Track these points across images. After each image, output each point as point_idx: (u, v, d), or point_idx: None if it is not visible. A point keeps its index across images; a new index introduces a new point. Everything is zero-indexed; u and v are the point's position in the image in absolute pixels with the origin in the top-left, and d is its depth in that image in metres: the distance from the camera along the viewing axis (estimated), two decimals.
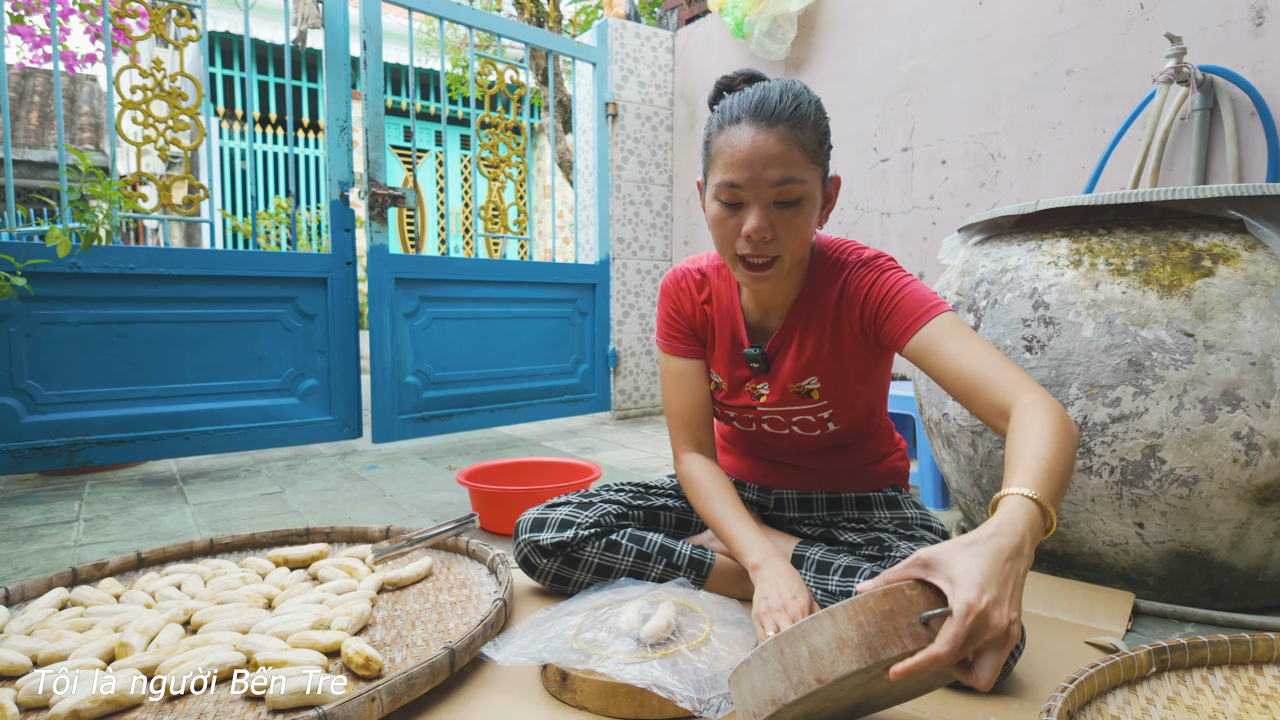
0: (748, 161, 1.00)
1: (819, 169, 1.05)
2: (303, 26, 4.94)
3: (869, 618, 0.68)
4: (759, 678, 0.73)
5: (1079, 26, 2.22)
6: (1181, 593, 1.30)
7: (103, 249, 2.28)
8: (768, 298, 1.20)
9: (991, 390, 0.94)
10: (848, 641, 0.68)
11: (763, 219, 1.02)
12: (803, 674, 0.69)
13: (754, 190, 1.01)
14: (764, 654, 0.73)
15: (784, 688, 0.71)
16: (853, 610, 0.69)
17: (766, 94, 1.02)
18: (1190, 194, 1.25)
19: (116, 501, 2.12)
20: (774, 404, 1.23)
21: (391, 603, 1.26)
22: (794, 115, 1.00)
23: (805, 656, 0.70)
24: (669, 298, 1.29)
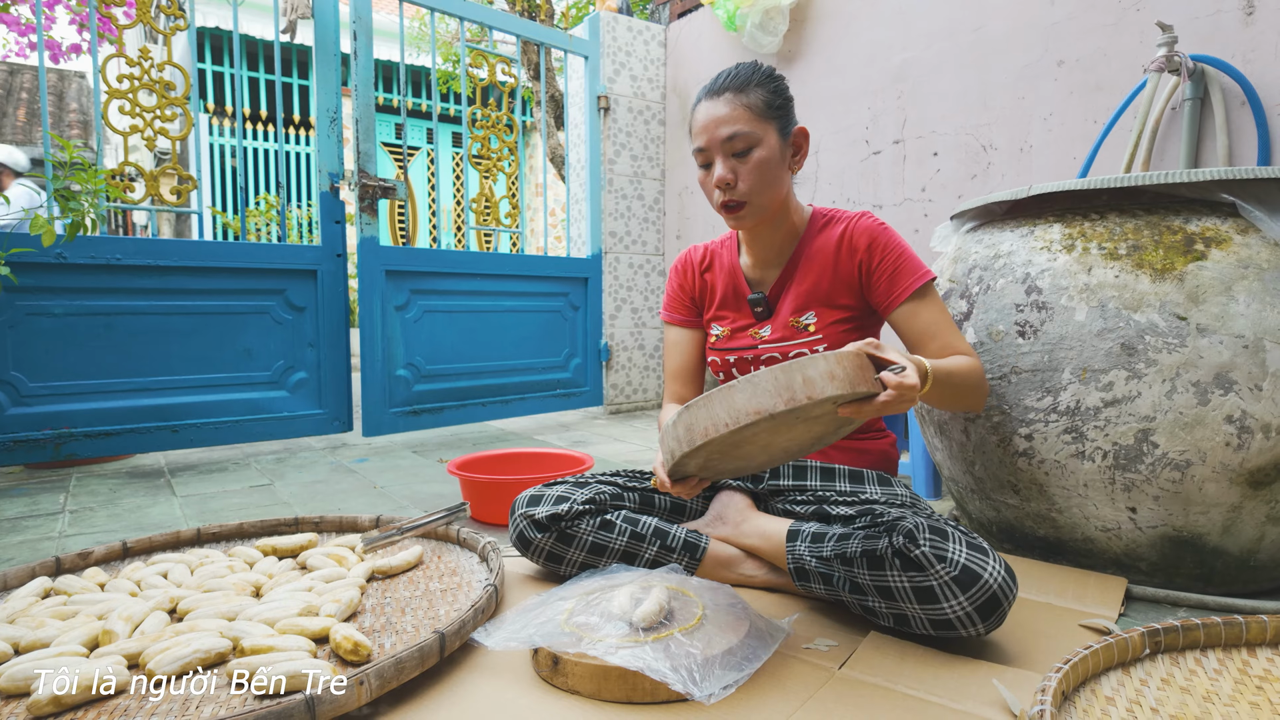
0: (704, 128, 1.24)
1: (771, 123, 1.23)
2: (292, 17, 4.90)
3: (850, 362, 0.90)
4: (743, 397, 0.89)
5: (1070, 17, 2.23)
6: (1174, 578, 1.30)
7: (89, 239, 2.25)
8: (765, 253, 1.37)
9: (939, 343, 1.23)
10: (835, 375, 0.89)
11: (724, 168, 1.23)
12: (794, 392, 0.88)
13: (713, 148, 1.24)
14: (756, 379, 0.89)
15: (774, 402, 0.88)
16: (838, 356, 0.90)
17: (718, 75, 1.26)
18: (1182, 178, 1.25)
19: (103, 494, 2.09)
20: (775, 341, 1.36)
21: (381, 590, 1.25)
22: (736, 83, 1.23)
23: (799, 381, 0.88)
24: (676, 273, 1.50)
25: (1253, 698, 0.90)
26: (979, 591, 0.98)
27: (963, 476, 1.53)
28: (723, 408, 0.90)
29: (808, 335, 1.32)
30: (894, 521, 1.14)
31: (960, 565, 0.99)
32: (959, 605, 0.99)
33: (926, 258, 2.65)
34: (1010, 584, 1.00)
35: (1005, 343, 1.36)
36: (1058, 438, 1.30)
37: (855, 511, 1.26)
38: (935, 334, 1.24)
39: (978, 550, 1.01)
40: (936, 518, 1.17)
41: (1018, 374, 1.34)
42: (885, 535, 1.09)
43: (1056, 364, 1.29)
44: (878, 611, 1.08)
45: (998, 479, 1.42)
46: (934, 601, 1.00)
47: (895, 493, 1.31)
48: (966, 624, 0.99)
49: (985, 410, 1.40)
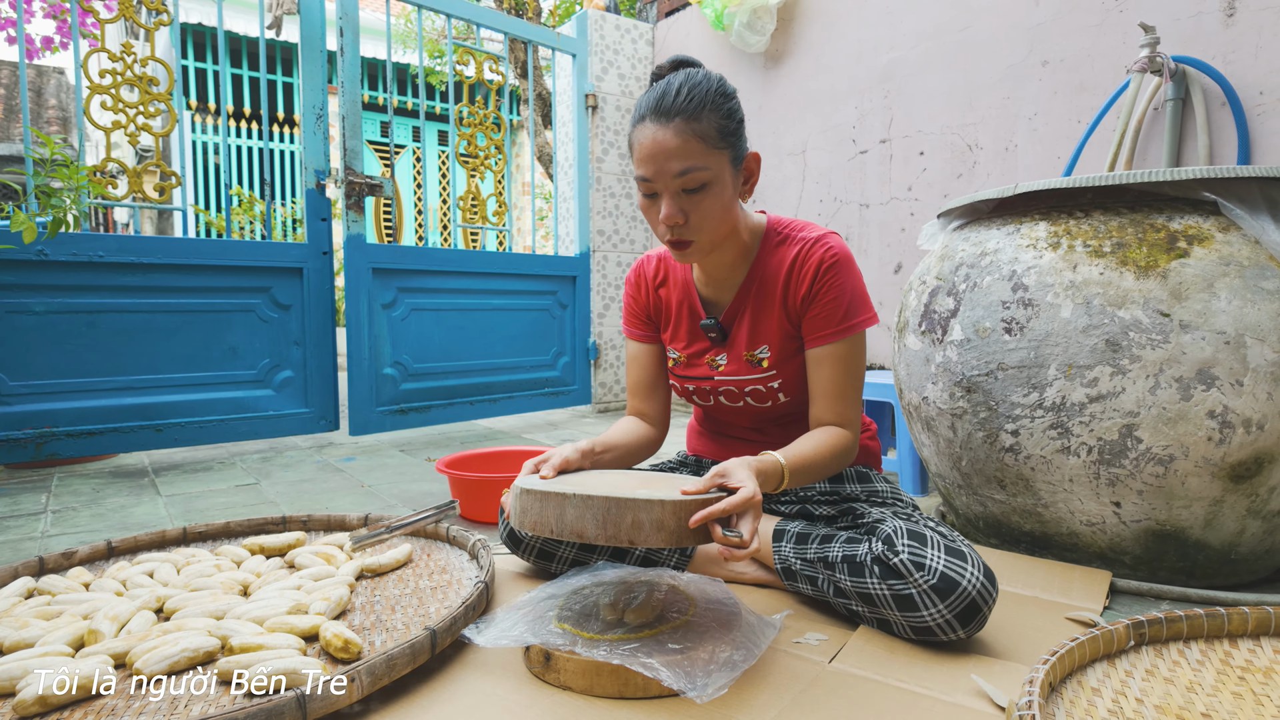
0: (650, 156, 1.09)
1: (724, 151, 1.10)
2: (278, 13, 4.86)
3: (683, 517, 0.91)
4: (574, 514, 0.92)
5: (1055, 18, 2.25)
6: (1157, 571, 1.32)
7: (71, 236, 2.22)
8: (716, 271, 1.28)
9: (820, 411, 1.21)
10: (664, 526, 0.91)
11: (672, 206, 1.10)
12: (616, 531, 0.91)
13: (661, 182, 1.10)
14: (590, 502, 0.91)
15: (597, 533, 0.91)
16: (675, 507, 0.91)
17: (665, 90, 1.09)
18: (1165, 176, 1.26)
19: (86, 494, 2.07)
20: (730, 374, 1.29)
21: (371, 589, 1.24)
22: (688, 108, 1.07)
23: (628, 522, 0.90)
24: (629, 286, 1.41)
25: (1235, 688, 0.91)
26: (958, 599, 0.99)
27: (949, 472, 1.54)
28: (553, 514, 0.93)
29: (761, 370, 1.26)
30: (874, 524, 1.15)
31: (939, 573, 1.00)
32: (938, 613, 1.00)
33: (912, 258, 2.67)
34: (989, 589, 1.01)
35: (992, 339, 1.37)
36: (1043, 433, 1.31)
37: (837, 511, 1.28)
38: (825, 394, 1.19)
39: (956, 556, 1.02)
40: (917, 518, 1.18)
41: (1004, 370, 1.35)
42: (865, 540, 1.10)
43: (1042, 360, 1.31)
44: (861, 615, 1.09)
45: (984, 474, 1.44)
46: (913, 609, 1.02)
47: (876, 489, 1.32)
48: (946, 630, 1.01)
49: (972, 406, 1.41)
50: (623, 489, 0.97)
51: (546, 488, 0.94)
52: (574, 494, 0.92)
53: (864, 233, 2.85)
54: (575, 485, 0.98)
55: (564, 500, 0.92)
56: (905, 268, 2.71)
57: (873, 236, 2.81)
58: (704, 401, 1.36)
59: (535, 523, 0.95)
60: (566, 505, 0.92)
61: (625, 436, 1.29)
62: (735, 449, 1.41)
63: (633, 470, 1.19)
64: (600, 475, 1.11)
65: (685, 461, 1.49)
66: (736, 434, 1.42)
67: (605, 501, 0.90)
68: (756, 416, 1.35)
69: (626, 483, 1.04)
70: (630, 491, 0.94)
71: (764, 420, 1.36)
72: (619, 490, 0.95)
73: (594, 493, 0.91)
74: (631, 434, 1.31)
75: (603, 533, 0.90)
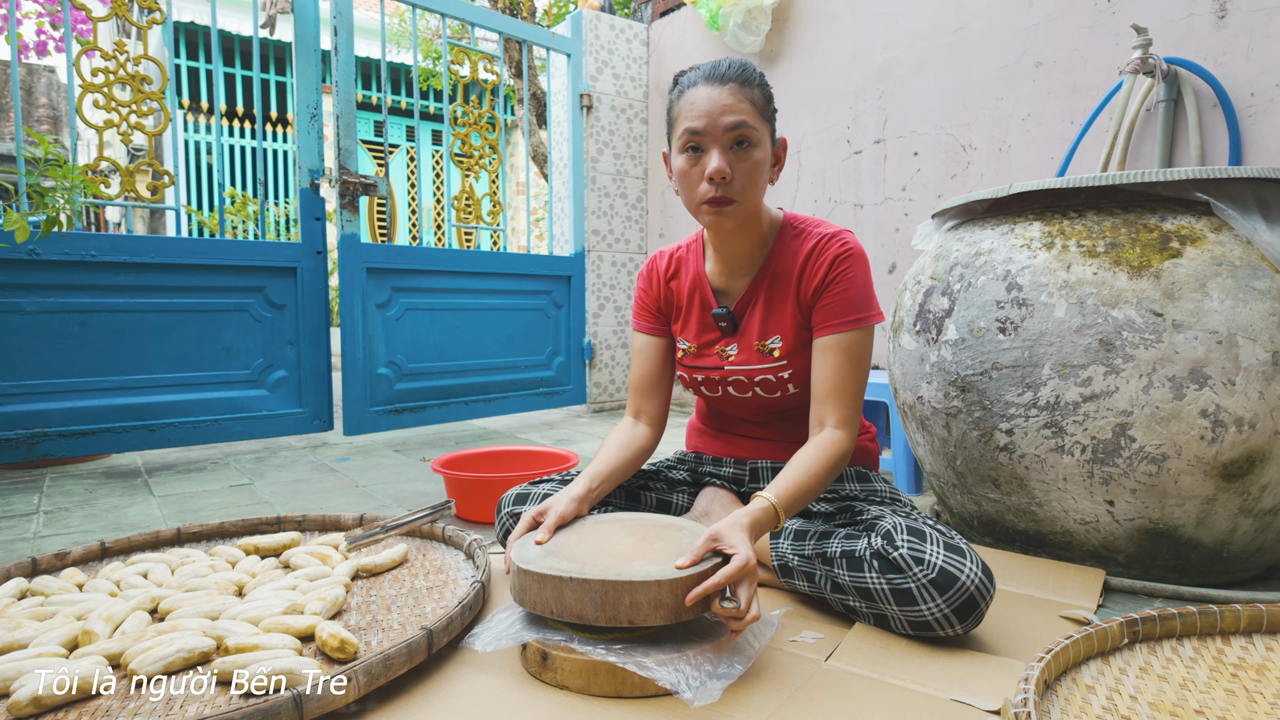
0: (705, 111, 1.14)
1: (767, 125, 1.19)
2: (271, 11, 4.85)
3: (679, 595, 0.92)
4: (573, 596, 0.93)
5: (1048, 19, 2.26)
6: (1150, 569, 1.32)
7: (63, 235, 2.21)
8: (733, 260, 1.30)
9: (820, 406, 1.20)
10: (661, 604, 0.92)
11: (722, 160, 1.14)
12: (617, 612, 0.92)
13: (712, 135, 1.14)
14: (589, 585, 0.92)
15: (598, 615, 0.92)
16: (672, 586, 0.92)
17: (718, 62, 1.18)
18: (1158, 177, 1.27)
19: (78, 494, 2.06)
20: (740, 364, 1.31)
21: (366, 589, 1.24)
22: (742, 75, 1.16)
23: (626, 603, 0.92)
24: (641, 279, 1.43)
25: (1227, 684, 0.92)
26: (956, 594, 1.00)
27: (944, 471, 1.55)
28: (551, 596, 0.95)
29: (773, 360, 1.28)
30: (873, 520, 1.15)
31: (938, 568, 1.00)
32: (936, 607, 1.00)
33: (906, 258, 2.68)
34: (987, 585, 1.01)
35: (986, 339, 1.38)
36: (1038, 432, 1.32)
37: (835, 508, 1.29)
38: (828, 389, 1.19)
39: (955, 552, 1.02)
40: (915, 516, 1.18)
41: (999, 370, 1.36)
42: (864, 536, 1.11)
43: (1036, 360, 1.31)
44: (859, 611, 1.09)
45: (979, 473, 1.44)
46: (912, 603, 1.02)
47: (874, 488, 1.32)
48: (944, 625, 1.01)
49: (967, 406, 1.42)
50: (620, 555, 1.00)
51: (544, 570, 0.95)
52: (571, 578, 0.93)
53: (858, 233, 2.85)
54: (571, 559, 0.99)
55: (561, 584, 0.94)
56: (900, 268, 2.72)
57: (867, 237, 2.82)
58: (712, 393, 1.37)
59: (535, 601, 0.96)
60: (565, 589, 0.93)
61: (619, 457, 1.29)
62: (737, 445, 1.42)
63: (628, 516, 1.19)
64: (596, 531, 1.11)
65: (684, 459, 1.49)
66: (740, 429, 1.42)
67: (603, 585, 0.92)
68: (763, 409, 1.35)
69: (623, 543, 1.06)
70: (626, 563, 0.97)
71: (769, 414, 1.37)
72: (616, 562, 0.97)
73: (591, 575, 0.92)
74: (627, 449, 1.31)
75: (602, 614, 0.92)
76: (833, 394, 1.19)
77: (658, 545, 1.04)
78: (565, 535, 1.10)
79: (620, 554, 1.01)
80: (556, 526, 1.11)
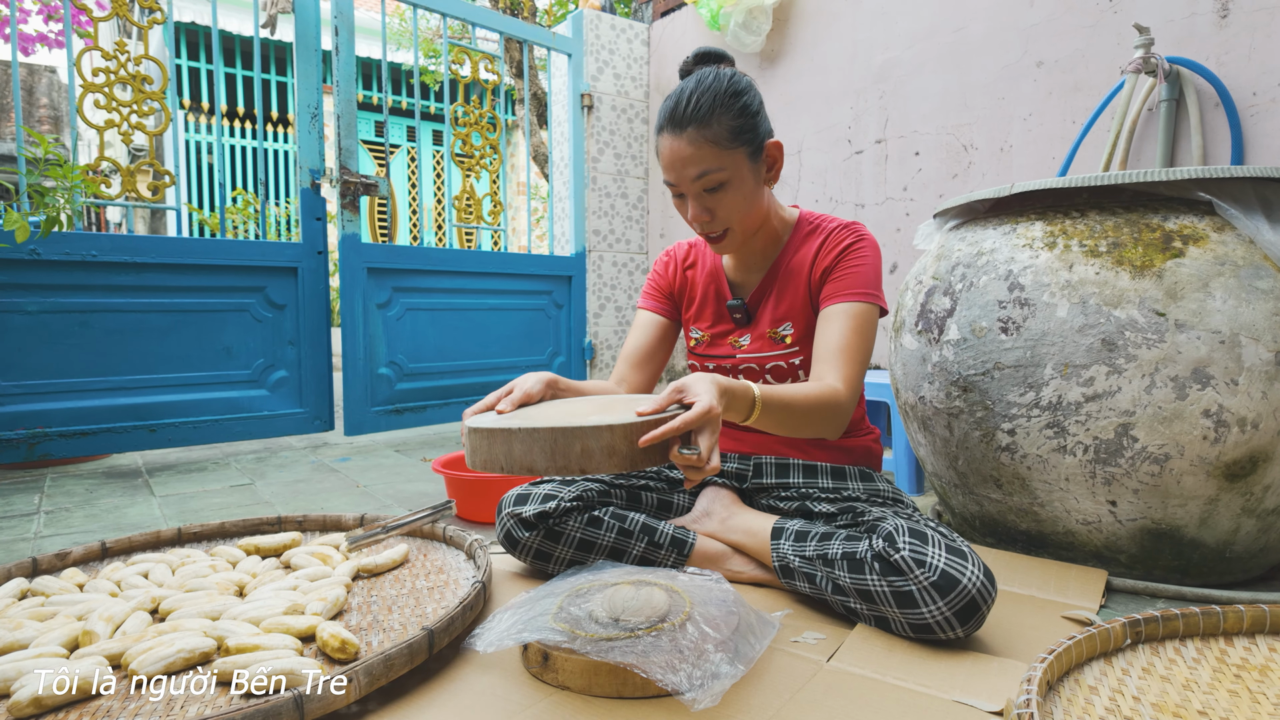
0: (669, 165, 1.18)
1: (739, 149, 1.16)
2: (272, 11, 4.85)
3: (633, 437, 0.85)
4: (522, 450, 0.86)
5: (1049, 19, 2.26)
6: (1152, 570, 1.32)
7: (64, 235, 2.21)
8: (747, 257, 1.36)
9: (821, 365, 1.20)
10: (615, 450, 0.85)
11: (696, 206, 1.20)
12: (567, 462, 0.85)
13: (683, 186, 1.18)
14: (537, 435, 0.85)
15: (547, 465, 0.85)
16: (626, 429, 0.85)
17: (678, 99, 1.15)
18: (1161, 176, 1.27)
19: (79, 494, 2.06)
20: (753, 351, 1.35)
21: (367, 589, 1.24)
22: (697, 115, 1.13)
23: (578, 451, 0.85)
24: (659, 263, 1.49)
25: (1230, 685, 0.92)
26: (957, 597, 0.99)
27: (946, 471, 1.54)
28: (501, 450, 0.88)
29: (784, 347, 1.32)
30: (875, 522, 1.15)
31: (939, 570, 1.00)
32: (938, 610, 1.00)
33: (908, 258, 2.68)
34: (989, 588, 1.01)
35: (988, 339, 1.38)
36: (1040, 432, 1.32)
37: (837, 509, 1.28)
38: (828, 350, 1.20)
39: (957, 554, 1.02)
40: (917, 518, 1.18)
41: (1001, 370, 1.36)
42: (866, 537, 1.10)
43: (1039, 360, 1.31)
44: (859, 613, 1.09)
45: (980, 474, 1.44)
46: (913, 606, 1.02)
47: (877, 489, 1.32)
48: (945, 628, 1.01)
49: (969, 406, 1.42)
50: (575, 417, 0.91)
51: (493, 424, 0.89)
52: (520, 428, 0.86)
53: None
54: (524, 419, 0.92)
55: (510, 436, 0.86)
56: (901, 268, 2.71)
57: None
58: None
59: (485, 461, 0.89)
60: (514, 440, 0.86)
61: (599, 389, 1.28)
62: (741, 439, 1.43)
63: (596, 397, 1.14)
64: (558, 405, 1.06)
65: None
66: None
67: (552, 432, 0.84)
68: None
69: (582, 409, 0.99)
70: (581, 419, 0.88)
71: None
72: (570, 419, 0.89)
73: (540, 424, 0.86)
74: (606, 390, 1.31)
75: (552, 464, 0.85)
76: (835, 354, 1.18)
77: (618, 409, 0.97)
78: (527, 410, 1.04)
79: (579, 413, 0.95)
80: (521, 404, 1.06)
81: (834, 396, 1.14)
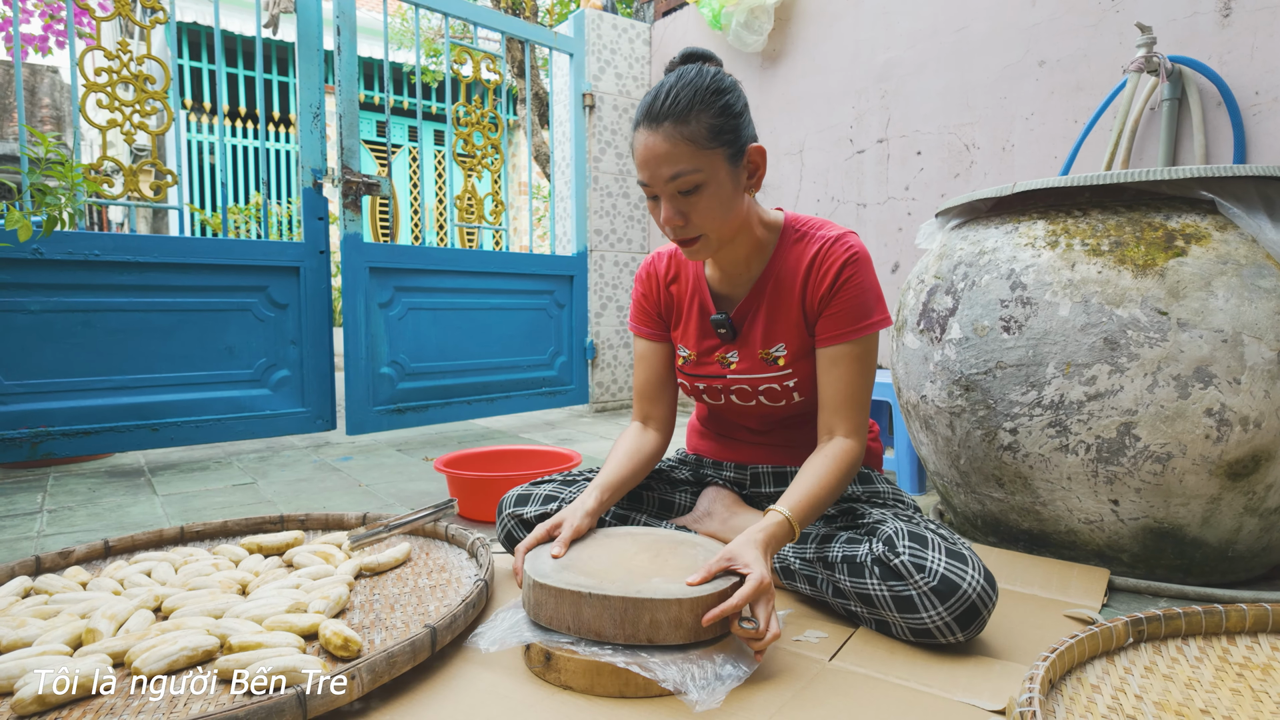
0: (644, 163, 1.10)
1: (717, 150, 1.08)
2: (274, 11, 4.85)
3: (698, 613, 0.92)
4: (591, 614, 0.92)
5: (1051, 18, 2.25)
6: (1154, 569, 1.32)
7: (66, 235, 2.22)
8: (730, 268, 1.26)
9: (829, 416, 1.18)
10: (682, 623, 0.92)
11: (670, 209, 1.11)
12: (636, 630, 0.91)
13: (657, 186, 1.10)
14: (609, 602, 0.91)
15: (613, 630, 0.92)
16: (692, 604, 0.92)
17: (656, 94, 1.09)
18: (1163, 175, 1.27)
19: (81, 493, 2.06)
20: (743, 372, 1.28)
21: (369, 588, 1.24)
22: (675, 111, 1.07)
23: (646, 622, 0.91)
24: (639, 283, 1.39)
25: (1233, 684, 0.92)
26: (957, 602, 0.99)
27: (948, 471, 1.54)
28: (569, 612, 0.94)
29: (777, 369, 1.25)
30: (875, 524, 1.14)
31: (939, 575, 1.00)
32: (938, 615, 1.00)
33: (909, 258, 2.67)
34: (989, 592, 1.00)
35: (990, 338, 1.38)
36: (1042, 431, 1.32)
37: (837, 510, 1.28)
38: (836, 399, 1.17)
39: (957, 559, 1.01)
40: (918, 519, 1.17)
41: (1003, 369, 1.36)
42: (866, 541, 1.10)
43: (1041, 359, 1.31)
44: (860, 616, 1.09)
45: (982, 473, 1.44)
46: (913, 610, 1.01)
47: (877, 490, 1.31)
48: (945, 633, 1.01)
49: (970, 405, 1.42)
50: (636, 571, 0.99)
51: (561, 584, 0.95)
52: (590, 594, 0.92)
53: (861, 232, 2.85)
54: (587, 574, 0.98)
55: (580, 600, 0.93)
56: (903, 267, 2.71)
57: (870, 236, 2.81)
58: (714, 400, 1.35)
59: (550, 618, 0.96)
60: (583, 605, 0.93)
61: (629, 465, 1.27)
62: (738, 450, 1.41)
63: (639, 531, 1.19)
64: (609, 546, 1.11)
65: (685, 460, 1.49)
66: (741, 435, 1.41)
67: (623, 603, 0.91)
68: (766, 417, 1.34)
69: (637, 559, 1.05)
70: (645, 579, 0.96)
71: (772, 421, 1.35)
72: (633, 577, 0.96)
73: (611, 592, 0.91)
74: (635, 456, 1.29)
75: (621, 632, 0.91)
76: (842, 404, 1.17)
77: (673, 562, 1.03)
78: (579, 549, 1.09)
79: (637, 570, 1.00)
80: (571, 541, 1.10)
81: (849, 457, 1.14)
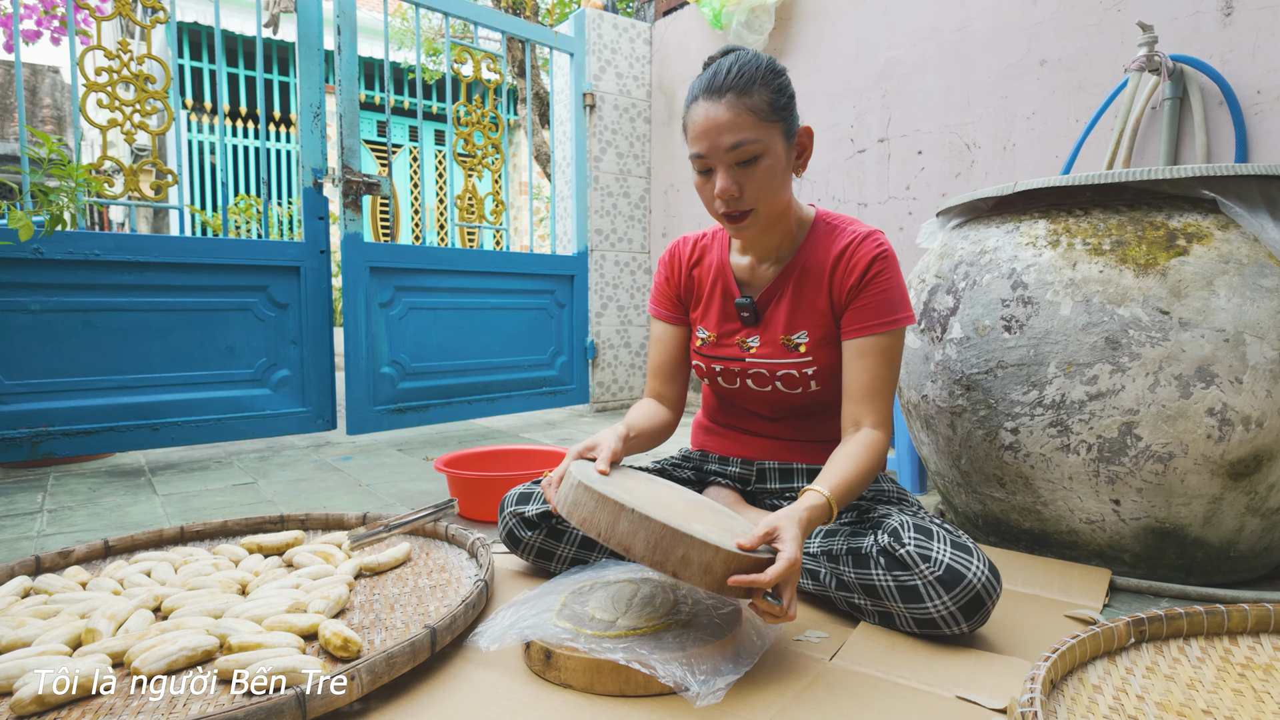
0: (704, 133, 1.12)
1: (776, 124, 1.12)
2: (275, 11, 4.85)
3: (730, 570, 0.90)
4: (627, 528, 0.91)
5: (1052, 17, 2.25)
6: (1156, 569, 1.32)
7: (67, 234, 2.22)
8: (760, 253, 1.29)
9: (856, 407, 1.18)
10: (711, 569, 0.90)
11: (727, 179, 1.12)
12: (664, 559, 0.90)
13: (715, 157, 1.12)
14: (649, 523, 0.90)
15: (644, 553, 0.90)
16: (728, 558, 0.90)
17: (716, 70, 1.13)
18: (1165, 174, 1.27)
19: (82, 493, 2.06)
20: (763, 356, 1.28)
21: (369, 588, 1.24)
22: (738, 83, 1.10)
23: (678, 555, 0.89)
24: (663, 266, 1.41)
25: (1235, 684, 0.92)
26: (963, 591, 0.99)
27: (949, 470, 1.54)
28: (605, 520, 0.93)
29: (797, 355, 1.26)
30: (879, 519, 1.15)
31: (944, 565, 1.00)
32: (942, 605, 1.00)
33: (910, 257, 2.67)
34: (994, 583, 1.01)
35: (991, 337, 1.37)
36: (1043, 431, 1.31)
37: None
38: (864, 390, 1.18)
39: (962, 549, 1.02)
40: (922, 515, 1.18)
41: (1004, 368, 1.35)
42: (871, 533, 1.10)
43: (1042, 358, 1.31)
44: (864, 609, 1.09)
45: (983, 473, 1.44)
46: (918, 600, 1.01)
47: (881, 488, 1.31)
48: (950, 623, 1.01)
49: (972, 404, 1.41)
50: (677, 513, 0.97)
51: (606, 491, 0.94)
52: (633, 509, 0.91)
53: None
54: (631, 496, 0.97)
55: (620, 511, 0.91)
56: (904, 267, 2.71)
57: None
58: (729, 384, 1.34)
59: (584, 520, 0.94)
60: (621, 517, 0.91)
61: (648, 421, 1.31)
62: (746, 444, 1.40)
63: (677, 486, 1.18)
64: (649, 485, 1.10)
65: (689, 457, 1.47)
66: (750, 425, 1.40)
67: (662, 529, 0.89)
68: (779, 405, 1.33)
69: (677, 504, 1.04)
70: (684, 522, 0.93)
71: (786, 409, 1.34)
72: (674, 516, 0.94)
73: (653, 515, 0.90)
74: (653, 418, 1.32)
75: (649, 556, 0.90)
76: (869, 395, 1.17)
77: (710, 519, 1.03)
78: (621, 475, 1.09)
79: (677, 512, 0.99)
80: (612, 463, 1.10)
81: (878, 446, 1.15)
